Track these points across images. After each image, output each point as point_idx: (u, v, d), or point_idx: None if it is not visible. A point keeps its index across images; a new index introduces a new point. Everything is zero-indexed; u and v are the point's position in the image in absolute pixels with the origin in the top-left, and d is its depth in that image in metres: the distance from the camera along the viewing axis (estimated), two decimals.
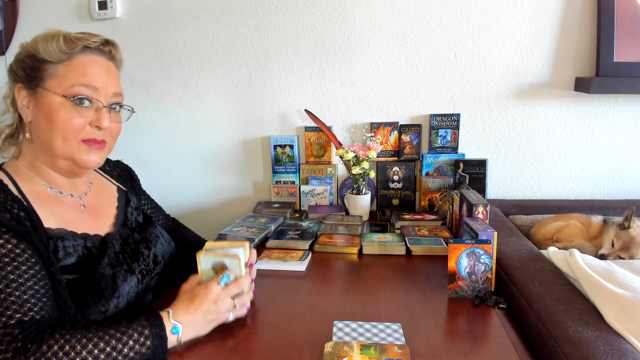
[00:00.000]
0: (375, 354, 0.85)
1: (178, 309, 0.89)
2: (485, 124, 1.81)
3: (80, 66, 0.92)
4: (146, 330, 0.82)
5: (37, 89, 0.91)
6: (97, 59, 0.95)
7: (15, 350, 0.74)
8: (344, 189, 1.88)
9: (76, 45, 0.91)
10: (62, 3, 1.89)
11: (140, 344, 0.81)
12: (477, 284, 1.10)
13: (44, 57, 0.90)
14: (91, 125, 0.93)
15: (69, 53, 0.91)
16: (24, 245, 0.82)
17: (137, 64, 1.90)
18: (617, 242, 1.30)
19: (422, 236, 1.46)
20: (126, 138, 1.96)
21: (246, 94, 1.89)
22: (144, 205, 1.25)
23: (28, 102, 0.93)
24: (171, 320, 0.86)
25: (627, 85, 1.61)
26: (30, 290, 0.80)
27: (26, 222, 0.85)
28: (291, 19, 1.80)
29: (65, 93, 0.90)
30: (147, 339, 0.82)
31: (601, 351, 0.82)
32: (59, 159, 0.94)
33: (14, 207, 0.85)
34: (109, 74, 0.97)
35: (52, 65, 0.91)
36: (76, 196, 1.01)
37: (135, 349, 0.80)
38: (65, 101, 0.90)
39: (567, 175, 1.82)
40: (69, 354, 0.76)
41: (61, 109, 0.90)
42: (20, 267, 0.80)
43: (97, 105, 0.93)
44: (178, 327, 0.86)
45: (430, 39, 1.76)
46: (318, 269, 1.30)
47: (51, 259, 0.86)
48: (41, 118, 0.91)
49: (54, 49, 0.90)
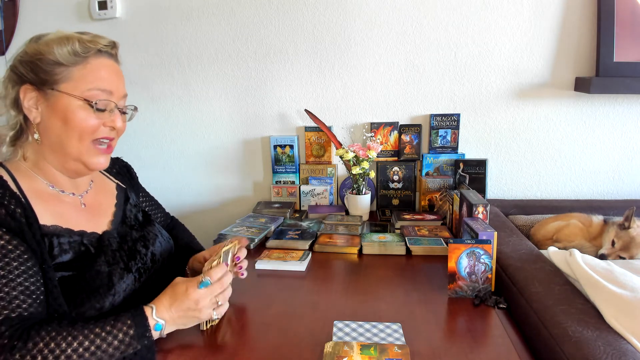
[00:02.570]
0: (375, 354, 0.85)
1: (162, 305, 0.90)
2: (485, 124, 1.81)
3: (95, 70, 0.94)
4: (131, 331, 0.84)
5: (49, 90, 0.92)
6: (108, 62, 0.98)
7: (1, 347, 0.75)
8: (344, 189, 1.88)
9: (90, 49, 0.94)
10: (62, 3, 1.89)
11: (126, 345, 0.83)
12: (477, 284, 1.10)
13: (57, 60, 0.91)
14: (105, 126, 0.96)
15: (83, 57, 0.93)
16: (17, 241, 0.83)
17: (137, 64, 1.90)
18: (617, 242, 1.30)
19: (422, 236, 1.46)
20: (126, 138, 1.95)
21: (246, 94, 1.89)
22: (142, 202, 1.25)
23: (36, 103, 0.93)
24: (154, 317, 0.88)
25: (627, 85, 1.61)
26: (20, 286, 0.81)
27: (21, 219, 0.85)
28: (291, 19, 1.80)
29: (84, 96, 0.92)
30: (132, 339, 0.83)
31: (601, 351, 0.82)
32: (69, 160, 0.95)
33: (10, 203, 0.85)
34: (118, 76, 1.00)
35: (65, 68, 0.92)
36: (77, 195, 1.01)
37: (120, 349, 0.82)
38: (84, 104, 0.92)
39: (567, 175, 1.82)
40: (54, 352, 0.77)
41: (80, 111, 0.92)
42: (12, 262, 0.81)
43: (111, 107, 0.96)
44: (161, 324, 0.88)
45: (430, 39, 1.76)
46: (318, 269, 1.30)
47: (44, 257, 0.86)
48: (54, 119, 0.93)
49: (69, 52, 0.92)
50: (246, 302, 1.10)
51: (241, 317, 1.04)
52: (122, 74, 1.02)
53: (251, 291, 1.14)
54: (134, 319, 0.85)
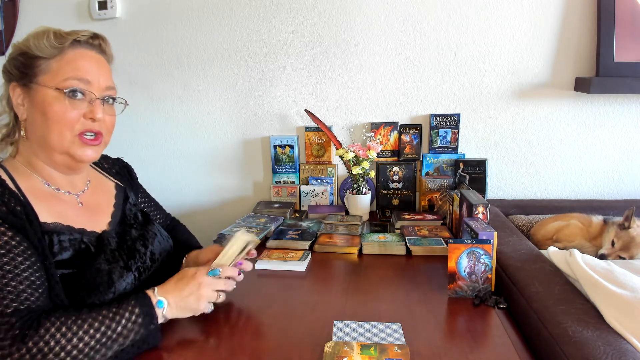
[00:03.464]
0: (375, 354, 0.85)
1: (164, 286, 0.95)
2: (485, 124, 1.81)
3: (72, 60, 0.94)
4: (136, 309, 0.87)
5: (30, 85, 0.93)
6: (87, 52, 0.97)
7: (13, 337, 0.76)
8: (344, 189, 1.88)
9: (66, 39, 0.93)
10: (62, 3, 1.89)
11: (133, 322, 0.86)
12: (477, 284, 1.10)
13: (36, 53, 0.92)
14: (85, 118, 0.95)
15: (59, 47, 0.93)
16: (20, 237, 0.84)
17: (137, 64, 1.90)
18: (617, 242, 1.30)
19: (422, 236, 1.46)
20: (126, 138, 1.97)
21: (246, 94, 1.89)
22: (142, 203, 1.25)
23: (22, 99, 0.94)
24: (156, 295, 0.92)
25: (627, 85, 1.61)
26: (26, 280, 0.82)
27: (22, 216, 0.86)
28: (291, 19, 1.80)
29: (58, 86, 0.92)
30: (138, 316, 0.87)
31: (601, 351, 0.82)
32: (55, 154, 0.95)
33: (10, 201, 0.86)
34: (100, 66, 0.98)
35: (44, 60, 0.93)
36: (74, 194, 1.01)
37: (128, 327, 0.85)
38: (58, 94, 0.92)
39: (567, 175, 1.82)
40: (66, 335, 0.79)
41: (55, 102, 0.92)
42: (17, 258, 0.82)
43: (90, 97, 0.95)
44: (163, 301, 0.91)
45: (430, 39, 1.76)
46: (318, 269, 1.30)
47: (46, 253, 0.87)
48: (36, 113, 0.93)
49: (45, 44, 0.92)
50: (246, 302, 1.10)
51: (241, 317, 1.04)
52: (105, 65, 1.00)
53: (251, 291, 1.14)
54: (136, 299, 0.89)
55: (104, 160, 1.20)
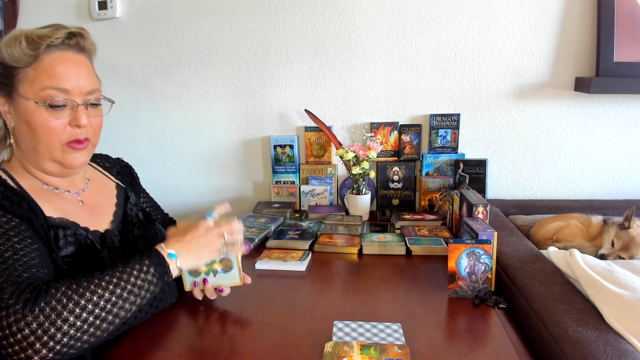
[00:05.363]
0: (375, 354, 0.85)
1: (170, 242, 0.93)
2: (485, 124, 1.81)
3: (48, 67, 0.89)
4: (147, 260, 0.87)
5: (13, 94, 0.91)
6: (63, 55, 0.92)
7: (25, 301, 0.75)
8: (344, 189, 1.88)
9: (39, 45, 0.88)
10: (62, 3, 1.89)
11: (145, 272, 0.86)
12: (477, 284, 1.10)
13: (8, 63, 0.89)
14: (70, 126, 0.93)
15: (33, 55, 0.88)
16: (25, 226, 0.84)
17: (137, 64, 1.90)
18: (617, 242, 1.30)
19: (422, 236, 1.46)
20: (126, 138, 1.96)
21: (246, 94, 1.89)
22: (143, 203, 1.25)
23: (9, 108, 0.93)
24: (166, 249, 0.91)
25: (627, 85, 1.61)
26: (37, 258, 0.83)
27: (27, 210, 0.86)
28: (291, 19, 1.80)
29: (36, 98, 0.89)
30: (149, 267, 0.87)
31: (601, 351, 0.82)
32: (45, 162, 0.95)
33: (13, 197, 0.86)
34: (79, 69, 0.93)
35: (21, 69, 0.89)
36: (73, 192, 1.01)
37: (141, 277, 0.85)
38: (38, 107, 0.89)
39: (567, 175, 1.82)
40: (78, 291, 0.79)
41: (37, 114, 0.89)
42: (26, 239, 0.83)
43: (72, 104, 0.92)
44: (174, 253, 0.91)
45: (430, 39, 1.76)
46: (318, 269, 1.30)
47: (51, 246, 0.87)
48: (22, 124, 0.92)
49: (19, 52, 0.88)
50: (246, 302, 1.09)
51: (241, 317, 1.04)
52: (85, 65, 0.95)
53: (251, 291, 1.14)
54: (144, 254, 0.89)
55: (105, 160, 1.20)
